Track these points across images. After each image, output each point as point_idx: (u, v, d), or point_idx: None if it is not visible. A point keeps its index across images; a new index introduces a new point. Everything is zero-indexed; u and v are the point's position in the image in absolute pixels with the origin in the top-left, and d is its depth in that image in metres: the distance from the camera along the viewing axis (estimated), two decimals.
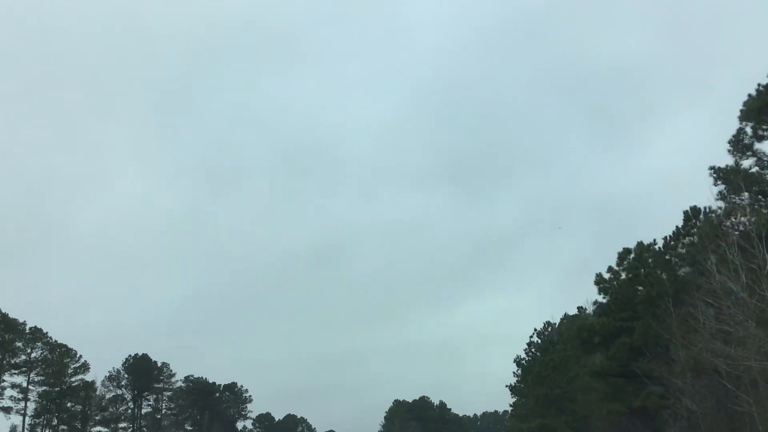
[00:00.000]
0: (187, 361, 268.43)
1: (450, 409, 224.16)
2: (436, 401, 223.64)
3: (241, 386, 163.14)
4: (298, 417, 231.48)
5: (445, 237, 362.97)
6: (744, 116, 35.02)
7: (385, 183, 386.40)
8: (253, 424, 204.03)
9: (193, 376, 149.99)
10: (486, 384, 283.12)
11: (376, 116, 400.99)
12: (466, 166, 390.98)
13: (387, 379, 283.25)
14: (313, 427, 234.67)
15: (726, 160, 36.05)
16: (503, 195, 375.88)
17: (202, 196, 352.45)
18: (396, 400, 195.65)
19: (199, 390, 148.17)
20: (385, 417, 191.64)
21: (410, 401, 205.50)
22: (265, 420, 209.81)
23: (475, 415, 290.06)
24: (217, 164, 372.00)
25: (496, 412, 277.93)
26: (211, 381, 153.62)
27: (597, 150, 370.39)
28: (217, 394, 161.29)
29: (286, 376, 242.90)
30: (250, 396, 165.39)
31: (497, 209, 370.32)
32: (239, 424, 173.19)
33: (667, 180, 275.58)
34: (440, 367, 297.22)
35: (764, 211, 31.28)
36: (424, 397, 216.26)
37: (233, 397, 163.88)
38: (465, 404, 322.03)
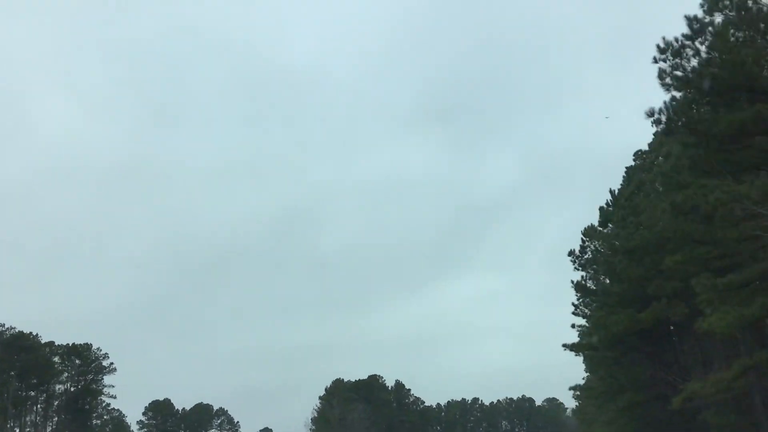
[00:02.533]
0: None
1: (409, 390, 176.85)
2: (391, 382, 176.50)
3: (98, 348, 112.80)
4: (228, 413, 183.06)
5: (424, 202, 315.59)
6: None
7: (362, 131, 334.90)
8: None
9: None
10: (457, 373, 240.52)
11: (357, 45, 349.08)
12: (456, 110, 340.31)
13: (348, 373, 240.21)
14: (236, 420, 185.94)
15: None
16: (495, 147, 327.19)
17: (143, 137, 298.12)
18: (337, 379, 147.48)
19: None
20: (320, 397, 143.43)
21: (354, 380, 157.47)
22: (162, 408, 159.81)
23: (439, 404, 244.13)
24: (161, 98, 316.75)
25: (463, 400, 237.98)
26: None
27: (619, 85, 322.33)
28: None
29: (233, 372, 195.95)
30: (112, 364, 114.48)
31: (487, 166, 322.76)
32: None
33: None
34: (411, 358, 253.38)
35: None
36: (375, 376, 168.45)
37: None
38: (431, 393, 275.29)
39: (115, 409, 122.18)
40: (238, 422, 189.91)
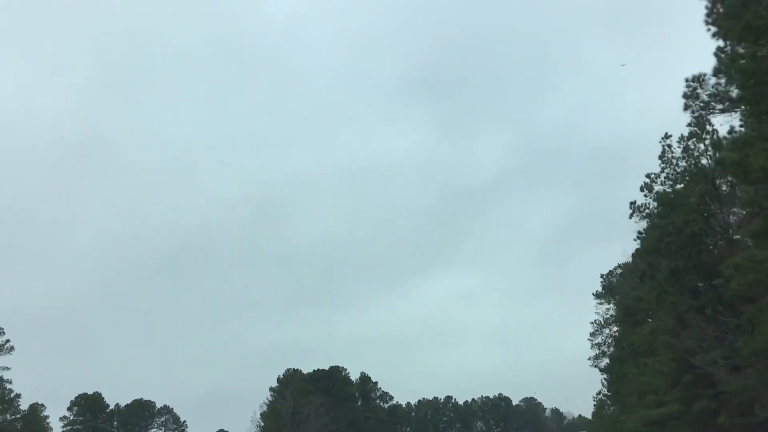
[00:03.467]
0: None
1: (376, 383, 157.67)
2: (356, 375, 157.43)
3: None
4: (174, 411, 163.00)
5: (407, 189, 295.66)
6: None
7: (343, 111, 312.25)
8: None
9: None
10: (431, 372, 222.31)
11: (338, 18, 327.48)
12: (445, 87, 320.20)
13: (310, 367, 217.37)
14: (182, 420, 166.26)
15: None
16: (485, 128, 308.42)
17: (98, 111, 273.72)
18: (291, 369, 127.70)
19: None
20: (271, 389, 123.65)
21: (313, 371, 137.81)
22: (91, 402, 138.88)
23: (409, 403, 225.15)
24: (120, 61, 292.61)
25: (435, 399, 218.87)
26: None
27: (619, 58, 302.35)
28: None
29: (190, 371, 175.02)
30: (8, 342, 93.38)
31: (475, 149, 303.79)
32: None
33: None
34: (386, 358, 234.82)
35: None
36: (337, 367, 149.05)
37: None
38: (402, 392, 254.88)
39: (16, 395, 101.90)
40: (184, 422, 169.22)
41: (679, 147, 40.04)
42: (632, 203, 45.19)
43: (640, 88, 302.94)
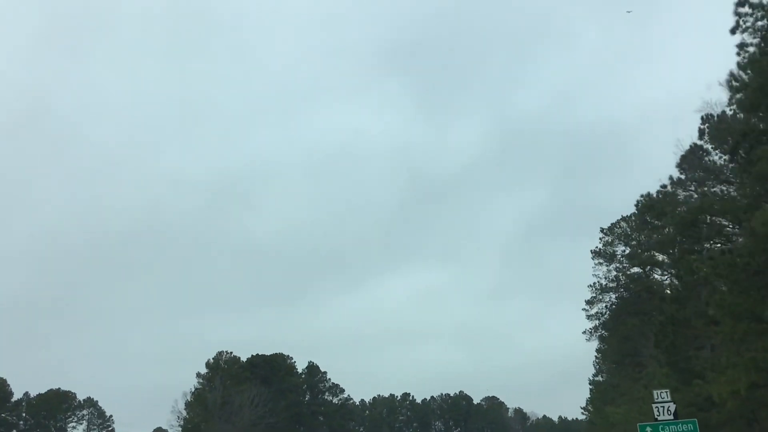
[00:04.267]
0: None
1: (325, 372, 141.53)
2: (302, 364, 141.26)
3: None
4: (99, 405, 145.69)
5: (376, 174, 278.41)
6: None
7: (310, 88, 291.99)
8: None
9: None
10: (391, 371, 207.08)
11: None
12: (418, 63, 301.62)
13: None
14: (109, 415, 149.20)
15: None
16: (459, 109, 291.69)
17: (39, 71, 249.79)
18: (223, 352, 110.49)
19: None
20: (199, 375, 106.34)
21: (251, 355, 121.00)
22: None
23: (363, 401, 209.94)
24: (70, 23, 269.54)
25: (392, 396, 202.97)
26: None
27: (608, 32, 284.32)
28: None
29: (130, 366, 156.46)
30: None
31: (448, 134, 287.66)
32: None
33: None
34: (346, 357, 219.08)
35: None
36: (281, 354, 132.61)
37: None
38: (360, 389, 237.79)
39: None
40: (111, 416, 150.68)
41: None
42: None
43: (626, 70, 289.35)
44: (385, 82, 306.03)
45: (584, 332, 66.66)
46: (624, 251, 60.90)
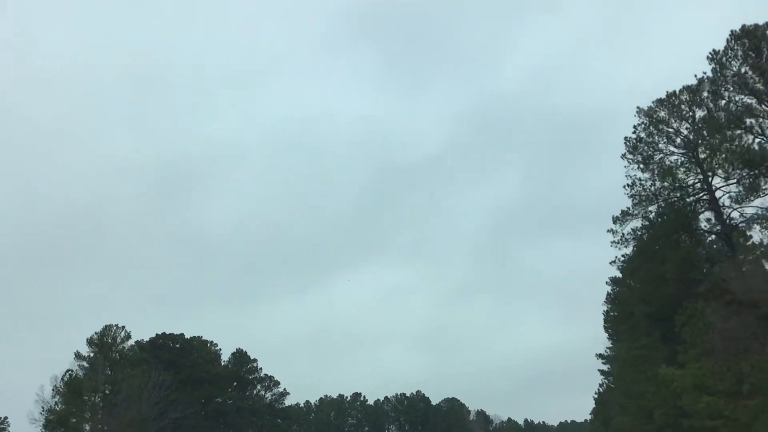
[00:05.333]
0: None
1: (255, 360, 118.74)
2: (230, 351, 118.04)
3: None
4: None
5: (339, 161, 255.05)
6: None
7: (271, 61, 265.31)
8: None
9: None
10: (344, 372, 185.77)
11: None
12: (389, 32, 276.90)
13: None
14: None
15: None
16: (432, 90, 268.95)
17: None
18: (113, 325, 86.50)
19: None
20: (77, 354, 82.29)
21: (156, 335, 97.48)
22: None
23: (308, 402, 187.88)
24: None
25: (341, 396, 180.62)
26: None
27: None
28: None
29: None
30: None
31: (418, 116, 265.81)
32: None
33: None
34: (300, 360, 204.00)
35: None
36: (199, 338, 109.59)
37: None
38: (310, 392, 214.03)
39: None
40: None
41: None
42: None
43: (614, 48, 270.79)
44: (352, 54, 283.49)
45: (611, 262, 46.14)
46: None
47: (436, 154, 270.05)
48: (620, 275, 58.06)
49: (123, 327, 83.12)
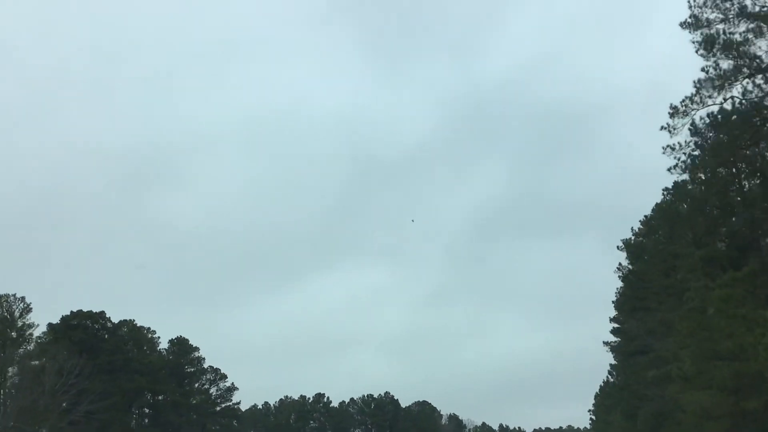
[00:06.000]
0: None
1: (197, 348, 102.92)
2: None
3: None
4: None
5: (317, 152, 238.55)
6: None
7: (246, 43, 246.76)
8: None
9: None
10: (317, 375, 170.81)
11: None
12: (371, 15, 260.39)
13: None
14: None
15: None
16: (415, 78, 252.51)
17: None
18: (5, 294, 69.95)
19: None
20: None
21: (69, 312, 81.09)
22: None
23: (267, 404, 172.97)
24: None
25: (303, 398, 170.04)
26: None
27: None
28: None
29: None
30: None
31: (399, 108, 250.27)
32: None
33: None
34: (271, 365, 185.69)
35: None
36: (128, 321, 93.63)
37: None
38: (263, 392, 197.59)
39: None
40: None
41: None
42: None
43: (607, 38, 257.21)
44: (333, 37, 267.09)
45: (669, 169, 31.84)
46: None
47: (419, 145, 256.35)
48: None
49: (22, 298, 66.95)
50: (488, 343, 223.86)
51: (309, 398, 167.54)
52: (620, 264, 57.61)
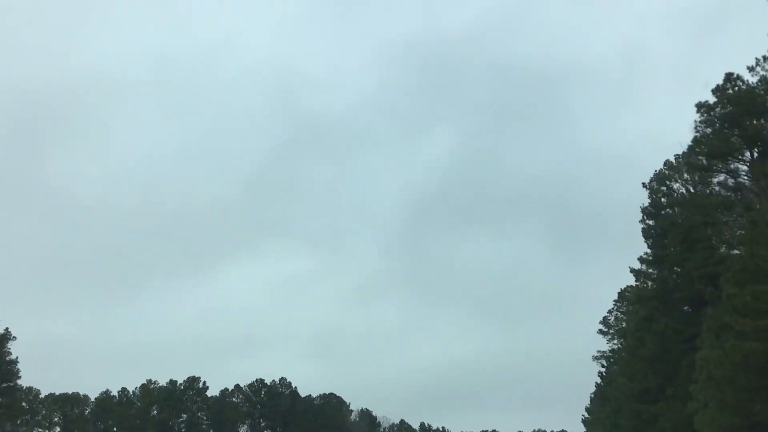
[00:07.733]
0: None
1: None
2: None
3: None
4: None
5: (242, 112, 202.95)
6: None
7: None
8: None
9: None
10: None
11: None
12: None
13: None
14: None
15: None
16: (364, 26, 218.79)
17: None
18: None
19: None
20: None
21: None
22: None
23: (124, 389, 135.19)
24: None
25: (172, 382, 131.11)
26: None
27: None
28: None
29: None
30: None
31: (345, 58, 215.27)
32: None
33: None
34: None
35: None
36: None
37: None
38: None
39: None
40: None
41: None
42: None
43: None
44: None
45: None
46: None
47: (360, 103, 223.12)
48: None
49: None
50: (420, 341, 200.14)
51: (179, 383, 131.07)
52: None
